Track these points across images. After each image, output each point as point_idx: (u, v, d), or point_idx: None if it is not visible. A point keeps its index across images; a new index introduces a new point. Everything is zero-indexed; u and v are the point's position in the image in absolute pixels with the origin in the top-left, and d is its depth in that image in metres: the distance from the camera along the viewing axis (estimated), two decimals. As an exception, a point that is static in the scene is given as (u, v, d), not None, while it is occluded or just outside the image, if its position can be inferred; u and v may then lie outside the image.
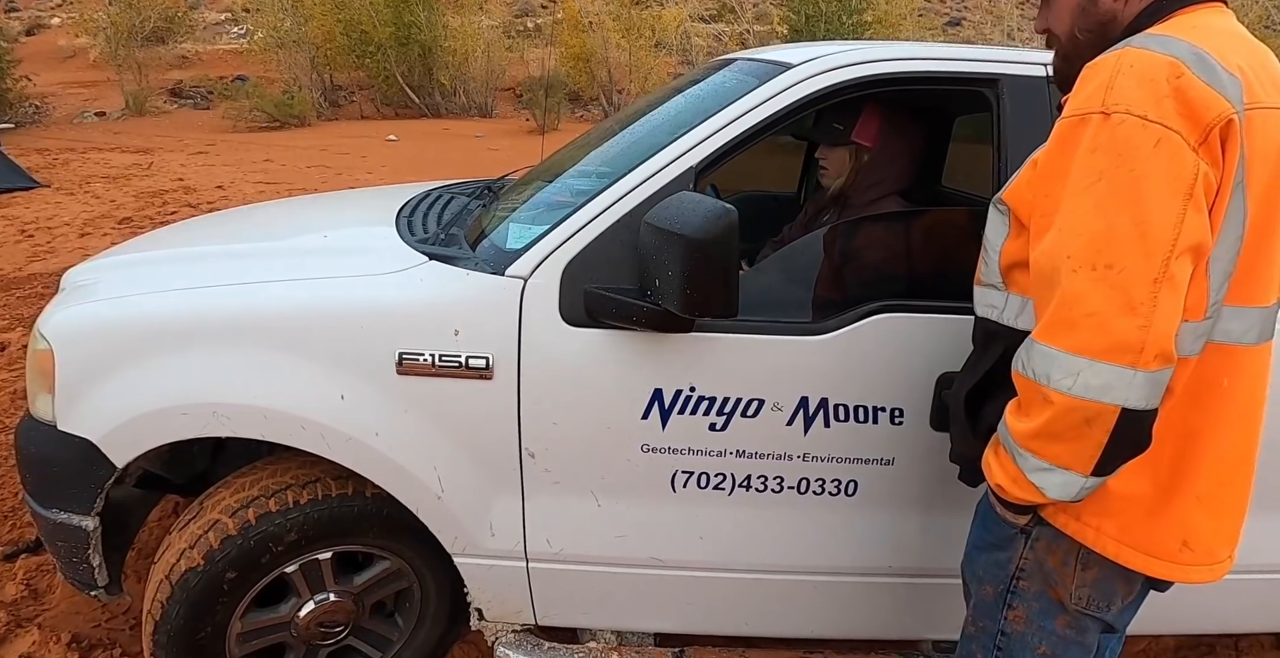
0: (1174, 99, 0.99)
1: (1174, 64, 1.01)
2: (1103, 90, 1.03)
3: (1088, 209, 1.00)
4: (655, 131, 1.74)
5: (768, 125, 1.56)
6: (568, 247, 1.53)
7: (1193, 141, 0.98)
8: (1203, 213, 0.99)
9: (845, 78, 1.58)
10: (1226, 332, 1.08)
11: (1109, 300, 0.96)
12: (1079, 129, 1.04)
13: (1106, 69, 1.05)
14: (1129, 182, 0.98)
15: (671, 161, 1.54)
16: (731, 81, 1.77)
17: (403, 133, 12.95)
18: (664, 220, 1.31)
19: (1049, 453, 1.03)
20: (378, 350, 1.55)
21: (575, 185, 1.87)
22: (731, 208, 1.26)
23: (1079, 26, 1.22)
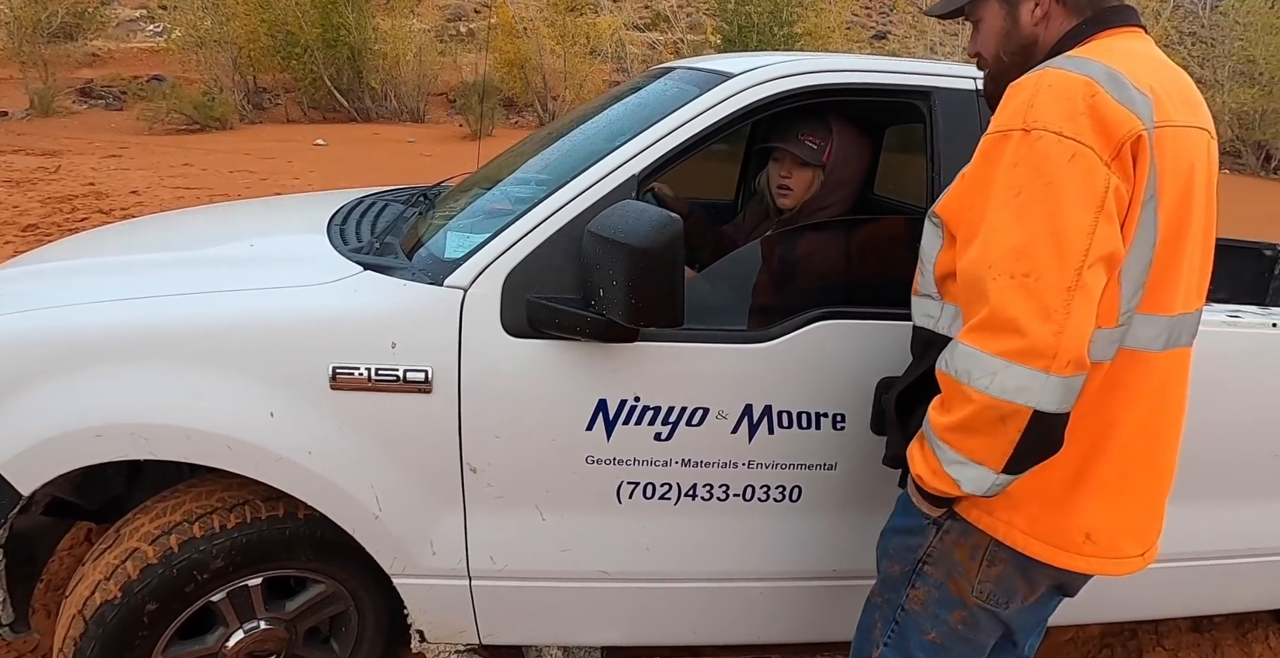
0: (1088, 116, 1.04)
1: (1088, 83, 1.07)
2: (1024, 108, 1.08)
3: (1008, 220, 1.05)
4: (596, 139, 1.73)
5: (709, 134, 1.56)
6: (509, 256, 1.50)
7: (1105, 156, 1.04)
8: (1114, 224, 1.04)
9: (786, 88, 1.59)
10: (1137, 337, 1.13)
11: (1026, 307, 1.01)
12: (1002, 145, 1.09)
13: (1027, 88, 1.10)
14: (1045, 194, 1.03)
15: (614, 170, 1.52)
16: (672, 90, 1.77)
17: (331, 137, 12.61)
18: (608, 229, 1.29)
19: (965, 447, 1.08)
20: (310, 365, 1.49)
21: (514, 193, 1.84)
22: (676, 217, 1.26)
23: (1004, 50, 1.29)
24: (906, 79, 1.66)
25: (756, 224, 2.05)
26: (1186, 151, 1.11)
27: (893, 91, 1.66)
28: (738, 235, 2.07)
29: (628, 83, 2.16)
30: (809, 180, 1.84)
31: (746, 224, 2.09)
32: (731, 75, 1.62)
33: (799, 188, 1.86)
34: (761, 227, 1.99)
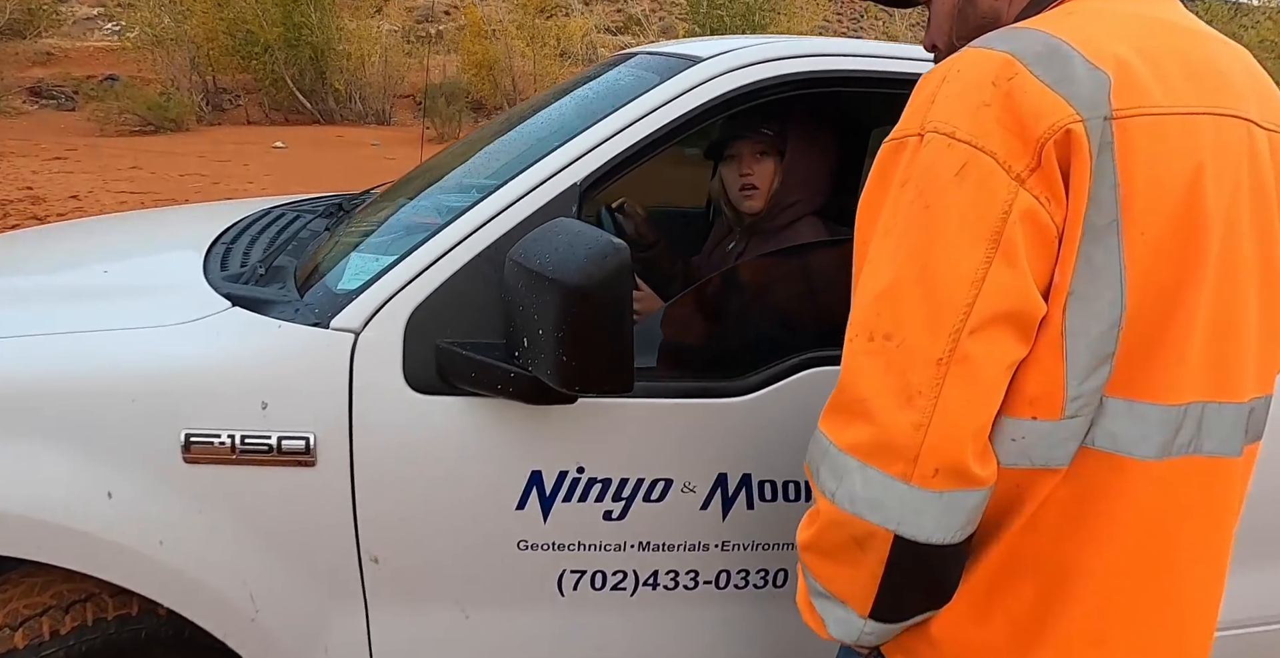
0: (998, 107, 0.73)
1: (1007, 63, 0.75)
2: (925, 105, 0.78)
3: (882, 261, 0.77)
4: (533, 140, 1.40)
5: (670, 132, 1.24)
6: (413, 289, 1.16)
7: (1016, 165, 0.72)
8: (1017, 267, 0.71)
9: (765, 76, 1.27)
10: (1112, 436, 0.76)
11: (883, 383, 0.72)
12: (895, 157, 0.79)
13: (935, 78, 0.80)
14: (922, 223, 0.74)
15: (548, 178, 1.20)
16: (628, 78, 1.44)
17: (292, 140, 12.16)
18: (533, 259, 0.96)
19: (823, 575, 0.81)
20: (156, 432, 1.15)
21: (446, 202, 1.51)
22: (620, 244, 0.93)
23: (958, 34, 0.95)
24: (912, 67, 1.35)
25: (719, 243, 1.75)
26: (1185, 150, 0.74)
27: (894, 81, 1.35)
28: (705, 266, 1.76)
29: (582, 72, 1.83)
30: (772, 172, 1.58)
31: (710, 250, 1.78)
32: (699, 59, 1.30)
33: (764, 183, 1.59)
34: (727, 247, 1.68)
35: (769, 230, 1.58)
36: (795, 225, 1.56)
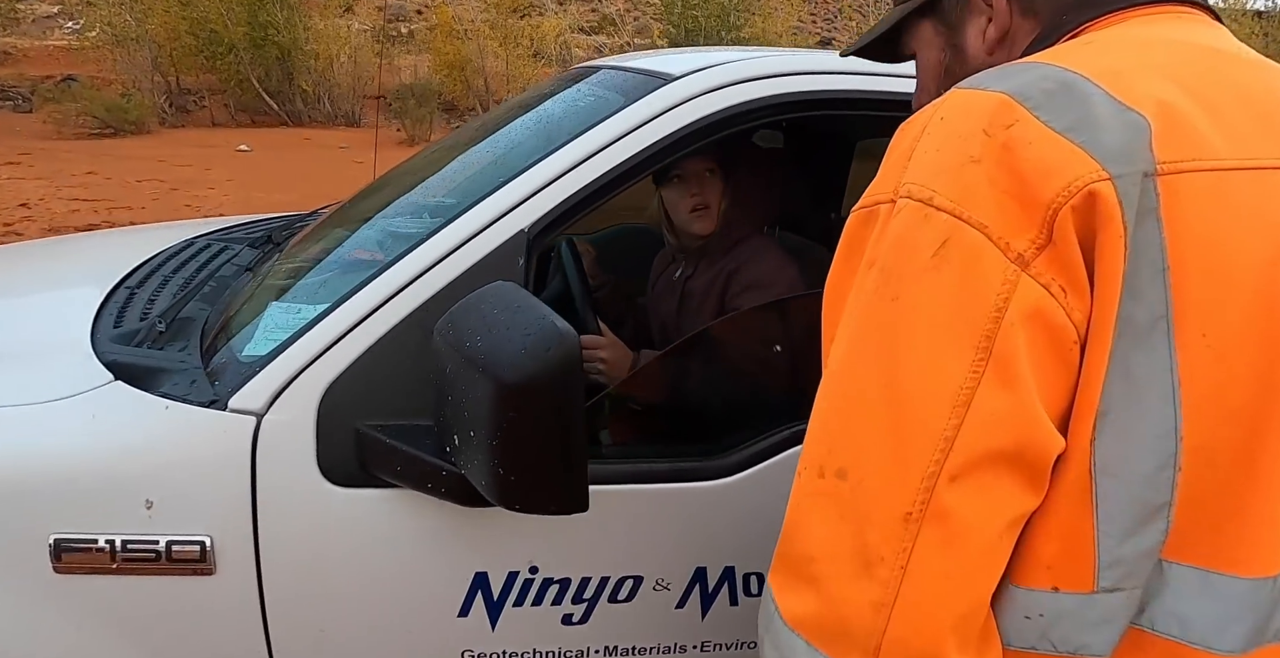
0: (991, 163, 0.54)
1: (1004, 104, 0.56)
2: (901, 163, 0.59)
3: (840, 368, 0.58)
4: (478, 172, 1.20)
5: (636, 165, 1.05)
6: (329, 360, 0.96)
7: (1017, 242, 0.52)
8: (1018, 385, 0.52)
9: (748, 97, 1.08)
10: (1180, 619, 0.56)
11: (835, 540, 0.54)
12: (864, 229, 0.60)
13: (914, 128, 0.61)
14: (888, 321, 0.55)
15: (491, 223, 1.00)
16: (588, 99, 1.25)
17: (258, 142, 11.83)
18: (461, 339, 0.77)
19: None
20: (18, 536, 0.94)
21: (391, 228, 1.32)
22: (569, 332, 0.73)
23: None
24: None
25: (663, 274, 1.57)
26: (1262, 218, 0.54)
27: (895, 104, 1.17)
28: (655, 302, 1.60)
29: (536, 88, 1.63)
30: (721, 191, 1.45)
31: (655, 282, 1.61)
32: (670, 78, 1.11)
33: (715, 202, 1.45)
34: (673, 276, 1.51)
35: (717, 251, 1.45)
36: (744, 244, 1.44)
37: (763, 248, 1.41)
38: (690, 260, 1.47)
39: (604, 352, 1.26)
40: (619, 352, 1.27)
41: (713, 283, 1.39)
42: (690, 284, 1.44)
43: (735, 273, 1.37)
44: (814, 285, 1.37)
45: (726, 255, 1.42)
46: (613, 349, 1.27)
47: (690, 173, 1.41)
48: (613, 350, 1.27)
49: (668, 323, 1.48)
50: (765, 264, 1.38)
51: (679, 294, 1.45)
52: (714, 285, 1.38)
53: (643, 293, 1.82)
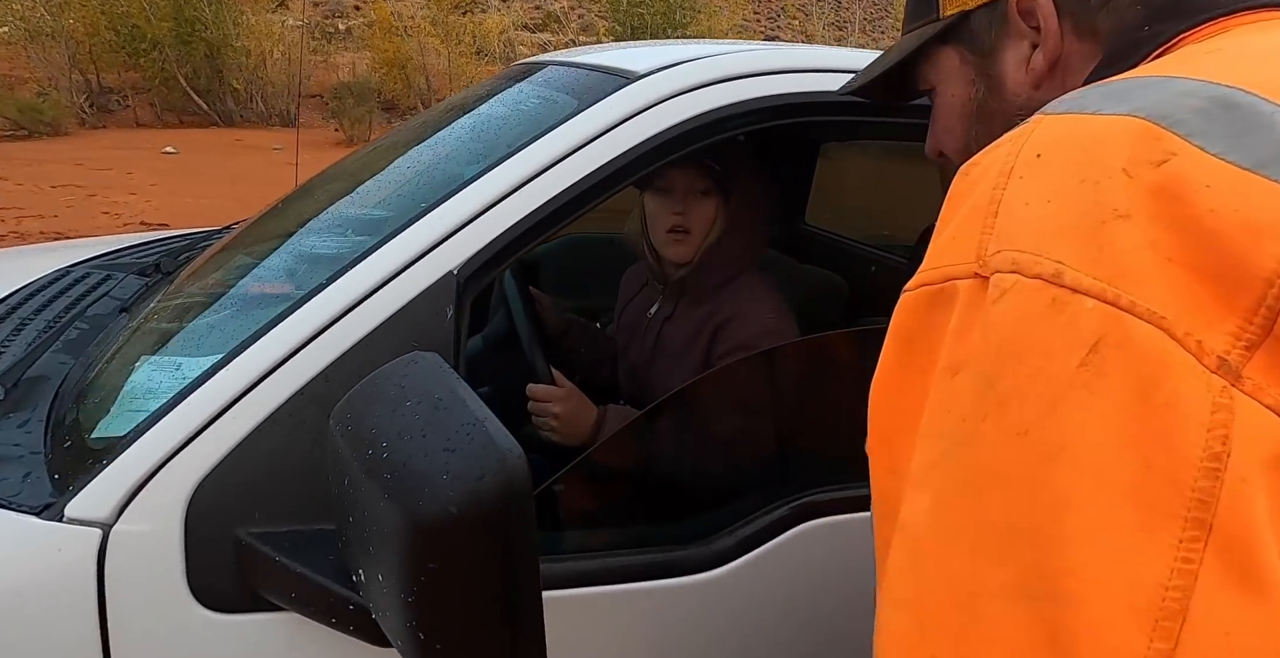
0: (1148, 218, 0.35)
1: (1147, 132, 0.38)
2: (981, 220, 0.41)
3: (928, 534, 0.37)
4: (399, 194, 0.98)
5: (596, 186, 0.84)
6: (202, 446, 0.73)
7: (1216, 339, 0.33)
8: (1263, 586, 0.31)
9: (729, 100, 0.88)
10: None
11: None
12: (931, 316, 0.41)
13: (986, 172, 0.43)
14: (1014, 468, 0.35)
15: (410, 262, 0.77)
16: (533, 101, 1.04)
17: (186, 144, 11.27)
18: (361, 443, 0.55)
19: None
20: None
21: (317, 248, 1.08)
22: (511, 450, 0.50)
23: (978, 140, 0.60)
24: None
25: (633, 312, 1.32)
26: None
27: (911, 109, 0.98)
28: (622, 335, 1.34)
29: (474, 88, 1.41)
30: (711, 217, 1.16)
31: (623, 310, 1.36)
32: (635, 76, 0.90)
33: (699, 228, 1.17)
34: (648, 313, 1.27)
35: (701, 291, 1.19)
36: (734, 285, 1.18)
37: (756, 295, 1.16)
38: (669, 296, 1.22)
39: (558, 406, 1.04)
40: (578, 406, 1.05)
41: (696, 334, 1.15)
42: (669, 329, 1.21)
43: (723, 326, 1.14)
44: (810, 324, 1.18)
45: (712, 299, 1.17)
46: (570, 402, 1.05)
47: (678, 187, 1.17)
48: (569, 404, 1.05)
49: (638, 369, 1.25)
50: (758, 317, 1.13)
51: (654, 337, 1.22)
52: (698, 337, 1.15)
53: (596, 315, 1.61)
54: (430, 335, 0.75)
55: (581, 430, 1.04)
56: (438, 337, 0.75)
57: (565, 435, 1.05)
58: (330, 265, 0.85)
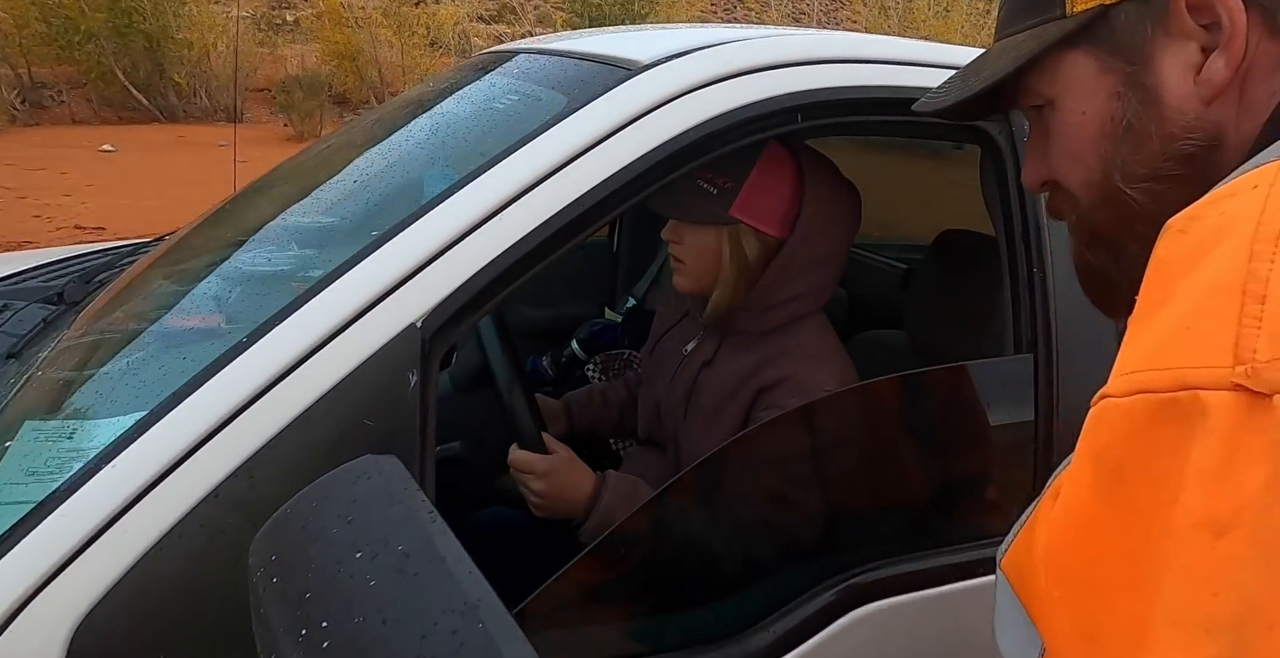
0: None
1: None
2: (1231, 308, 0.29)
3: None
4: (338, 216, 0.78)
5: (597, 206, 0.66)
6: (78, 575, 0.54)
7: None
8: None
9: (765, 95, 0.71)
10: None
11: None
12: (1154, 435, 0.30)
13: (1233, 235, 0.32)
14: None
15: (361, 313, 0.59)
16: (509, 98, 0.85)
17: (126, 141, 10.79)
18: (293, 623, 0.36)
19: None
20: None
21: (242, 268, 0.89)
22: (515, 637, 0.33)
23: (1124, 170, 0.47)
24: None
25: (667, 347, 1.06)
26: None
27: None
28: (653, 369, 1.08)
29: (437, 79, 1.21)
30: (711, 247, 0.91)
31: (657, 342, 1.10)
32: (639, 67, 0.72)
33: (695, 261, 0.92)
34: (685, 349, 1.02)
35: (751, 333, 0.93)
36: (788, 333, 0.92)
37: (811, 354, 0.90)
38: (710, 335, 0.97)
39: (542, 482, 0.85)
40: (568, 478, 0.86)
41: (735, 391, 0.91)
42: (707, 376, 0.95)
43: (766, 391, 0.88)
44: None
45: (758, 348, 0.92)
46: (558, 476, 0.86)
47: (672, 209, 0.92)
48: (558, 478, 0.86)
49: (664, 413, 1.02)
50: (810, 386, 0.86)
51: (690, 383, 0.97)
52: (736, 396, 0.90)
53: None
54: (388, 411, 0.57)
55: (572, 507, 0.86)
56: (398, 412, 0.57)
57: (552, 512, 0.87)
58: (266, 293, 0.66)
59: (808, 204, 0.88)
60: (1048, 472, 0.91)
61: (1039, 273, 0.88)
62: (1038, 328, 0.88)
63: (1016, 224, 0.90)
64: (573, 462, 0.87)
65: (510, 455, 0.87)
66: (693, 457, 0.95)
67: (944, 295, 1.19)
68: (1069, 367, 0.87)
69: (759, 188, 0.87)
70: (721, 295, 0.91)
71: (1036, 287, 0.88)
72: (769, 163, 0.88)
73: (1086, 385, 0.91)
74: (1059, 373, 0.87)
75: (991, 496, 0.89)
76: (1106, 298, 0.53)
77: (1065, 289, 0.88)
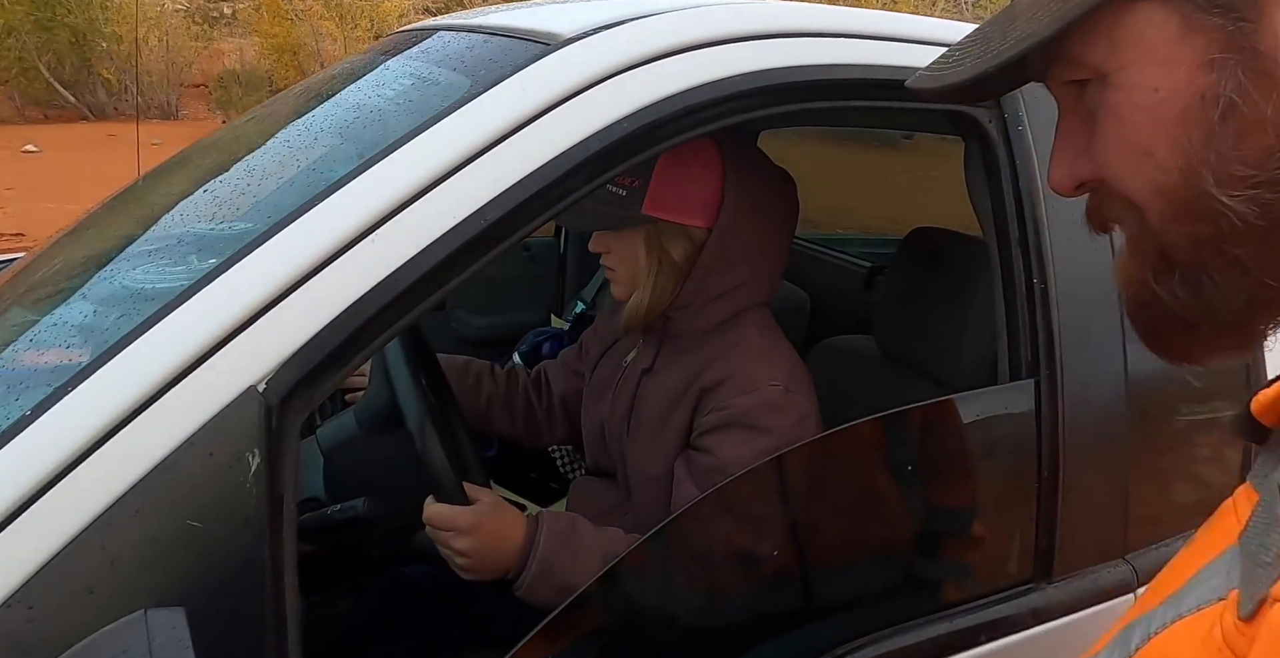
0: None
1: None
2: None
3: None
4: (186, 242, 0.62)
5: (502, 222, 0.51)
6: None
7: None
8: None
9: (719, 77, 0.56)
10: None
11: None
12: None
13: None
14: None
15: (180, 375, 0.44)
16: (403, 83, 0.69)
17: (50, 141, 10.31)
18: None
19: None
20: None
21: (101, 289, 0.71)
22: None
23: (1223, 172, 0.32)
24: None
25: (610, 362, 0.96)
26: None
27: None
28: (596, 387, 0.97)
29: (339, 65, 1.04)
30: (636, 250, 0.83)
31: (599, 356, 0.99)
32: (558, 41, 0.57)
33: (626, 266, 0.85)
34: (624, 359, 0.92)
35: (690, 334, 0.86)
36: (729, 330, 0.84)
37: (755, 351, 0.83)
38: (648, 342, 0.89)
39: (463, 540, 0.71)
40: (494, 534, 0.73)
41: (678, 398, 0.82)
42: (648, 386, 0.87)
43: (710, 391, 0.80)
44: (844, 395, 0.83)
45: (698, 349, 0.84)
46: (482, 534, 0.72)
47: (589, 217, 0.83)
48: (481, 536, 0.72)
49: (609, 433, 0.92)
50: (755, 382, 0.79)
51: (630, 395, 0.88)
52: (679, 403, 0.82)
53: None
54: (221, 507, 0.42)
55: (504, 561, 0.73)
56: (236, 509, 0.42)
57: (482, 572, 0.73)
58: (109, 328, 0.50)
59: (730, 189, 0.80)
60: (1054, 517, 0.79)
61: (1040, 284, 0.76)
62: (1039, 349, 0.75)
63: (1012, 227, 0.77)
64: (499, 509, 0.73)
65: (425, 512, 0.73)
66: (641, 476, 0.86)
67: (918, 301, 1.07)
68: (1077, 395, 0.75)
69: (670, 180, 0.79)
70: (644, 297, 0.83)
71: (1038, 301, 0.75)
72: (675, 152, 0.76)
73: (1096, 416, 0.79)
74: (1065, 403, 0.74)
75: (991, 546, 0.77)
76: (1173, 341, 0.39)
77: (1071, 303, 0.76)
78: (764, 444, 0.73)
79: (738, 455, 0.74)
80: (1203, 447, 0.90)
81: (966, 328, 0.94)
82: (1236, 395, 0.95)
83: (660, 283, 0.82)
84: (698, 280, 0.81)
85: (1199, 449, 0.91)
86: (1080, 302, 0.76)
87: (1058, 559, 0.73)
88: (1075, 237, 0.77)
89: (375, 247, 0.47)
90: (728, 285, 0.83)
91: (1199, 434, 0.90)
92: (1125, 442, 0.78)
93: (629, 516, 0.89)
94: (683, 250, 0.81)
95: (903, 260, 1.12)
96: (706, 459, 0.77)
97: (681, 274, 0.82)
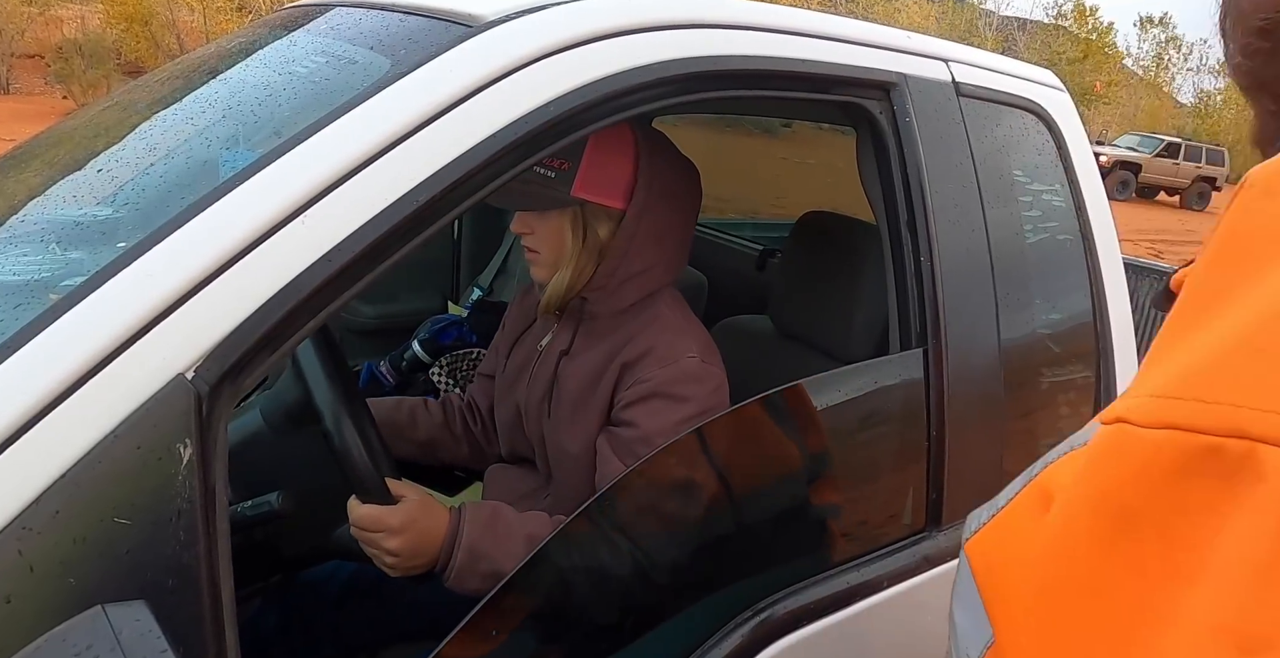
0: None
1: None
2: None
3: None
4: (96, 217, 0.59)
5: (428, 206, 0.51)
6: None
7: None
8: None
9: (636, 63, 0.58)
10: None
11: None
12: (1181, 487, 0.24)
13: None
14: None
15: (102, 362, 0.42)
16: (315, 60, 0.67)
17: None
18: None
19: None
20: None
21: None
22: None
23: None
24: (873, 58, 0.74)
25: (526, 346, 0.97)
26: None
27: (851, 82, 0.73)
28: (511, 376, 0.97)
29: (229, 38, 0.98)
30: (561, 232, 0.85)
31: (512, 343, 1.00)
32: (481, 23, 0.57)
33: (550, 248, 0.86)
34: (539, 343, 0.94)
35: (607, 315, 0.88)
36: (644, 310, 0.87)
37: (670, 326, 0.86)
38: (564, 325, 0.91)
39: (393, 540, 0.71)
40: (422, 530, 0.73)
41: (598, 375, 0.85)
42: (567, 367, 0.88)
43: (630, 366, 0.83)
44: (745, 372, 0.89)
45: (616, 330, 0.86)
46: (410, 531, 0.72)
47: (514, 199, 0.83)
48: (415, 529, 0.72)
49: (527, 416, 0.93)
50: (674, 354, 0.82)
51: (548, 378, 0.89)
52: (600, 380, 0.85)
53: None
54: (150, 504, 0.41)
55: (428, 559, 0.73)
56: (165, 504, 0.41)
57: (412, 569, 0.73)
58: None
59: (643, 173, 0.83)
60: (941, 471, 0.87)
61: (926, 262, 0.82)
62: (927, 322, 0.82)
63: (901, 210, 0.83)
64: (427, 505, 0.73)
65: (352, 514, 0.72)
66: (562, 456, 0.89)
67: (810, 281, 1.13)
68: (960, 361, 0.82)
69: (597, 164, 0.82)
70: (565, 277, 0.85)
71: (925, 277, 0.82)
72: (603, 136, 0.81)
73: (976, 380, 0.86)
74: (949, 368, 0.81)
75: (890, 501, 0.83)
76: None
77: (953, 279, 0.83)
78: (685, 412, 0.78)
79: (660, 425, 0.78)
80: (1063, 404, 1.01)
81: (858, 305, 1.01)
82: (1088, 362, 1.07)
83: (581, 263, 0.85)
84: (614, 261, 0.84)
85: (1060, 407, 1.02)
86: (960, 277, 0.83)
87: (946, 509, 0.80)
88: (955, 219, 0.85)
89: (306, 228, 0.47)
90: (641, 266, 0.86)
91: (1059, 393, 1.02)
92: (1001, 401, 0.87)
93: (548, 498, 0.91)
94: (608, 231, 0.84)
95: (795, 243, 1.18)
96: (629, 432, 0.80)
97: (598, 255, 0.85)
